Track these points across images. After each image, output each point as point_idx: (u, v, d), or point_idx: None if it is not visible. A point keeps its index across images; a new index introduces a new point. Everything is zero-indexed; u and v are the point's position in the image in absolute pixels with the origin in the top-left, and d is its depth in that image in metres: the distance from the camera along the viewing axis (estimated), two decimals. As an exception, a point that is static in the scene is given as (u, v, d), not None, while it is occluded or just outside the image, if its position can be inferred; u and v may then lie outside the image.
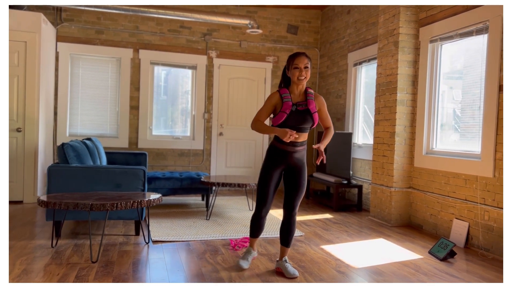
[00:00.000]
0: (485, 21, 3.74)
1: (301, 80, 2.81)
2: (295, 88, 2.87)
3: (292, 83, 2.87)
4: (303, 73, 2.80)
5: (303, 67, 2.79)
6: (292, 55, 2.85)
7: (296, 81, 2.82)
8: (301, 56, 2.81)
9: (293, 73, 2.82)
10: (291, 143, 2.83)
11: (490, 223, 3.63)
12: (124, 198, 3.28)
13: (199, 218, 4.72)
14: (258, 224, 3.01)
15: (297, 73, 2.80)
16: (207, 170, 6.85)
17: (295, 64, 2.80)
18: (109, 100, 6.48)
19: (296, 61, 2.80)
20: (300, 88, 2.87)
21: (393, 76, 4.69)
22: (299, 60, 2.80)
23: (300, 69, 2.80)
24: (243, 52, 6.93)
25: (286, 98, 2.82)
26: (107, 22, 6.38)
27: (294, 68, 2.81)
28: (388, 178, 4.73)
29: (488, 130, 3.66)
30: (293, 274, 2.87)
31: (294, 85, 2.87)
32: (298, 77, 2.80)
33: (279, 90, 2.89)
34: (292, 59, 2.83)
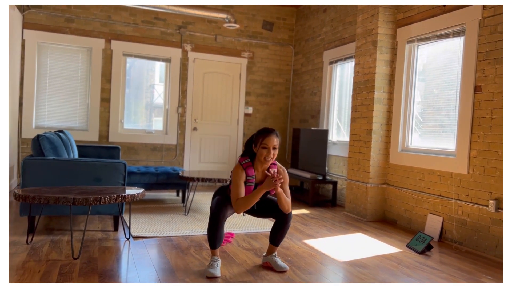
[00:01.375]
0: (462, 24, 3.90)
1: (267, 161, 2.67)
2: (259, 165, 2.74)
3: (257, 160, 2.72)
4: (271, 154, 2.65)
5: (272, 147, 2.64)
6: (262, 132, 2.68)
7: (262, 161, 2.68)
8: (271, 135, 2.66)
9: (260, 152, 2.66)
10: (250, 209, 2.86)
11: (463, 218, 3.80)
12: (106, 193, 3.18)
13: (177, 213, 4.65)
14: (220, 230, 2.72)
15: (265, 153, 2.64)
16: (180, 165, 6.75)
17: (264, 143, 2.64)
18: (79, 91, 6.24)
19: (265, 141, 2.64)
20: (265, 166, 2.73)
21: (371, 75, 4.80)
22: (269, 140, 2.64)
23: (268, 150, 2.64)
24: (219, 47, 6.87)
25: (250, 182, 2.73)
26: (77, 10, 6.13)
27: (262, 148, 2.65)
28: (364, 174, 4.85)
29: (463, 129, 3.82)
30: (283, 267, 2.88)
31: (259, 162, 2.72)
32: (265, 158, 2.65)
33: (245, 168, 2.72)
34: (261, 137, 2.66)
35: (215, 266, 2.78)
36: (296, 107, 7.15)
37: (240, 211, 2.67)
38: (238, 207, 2.67)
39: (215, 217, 2.70)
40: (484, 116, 3.63)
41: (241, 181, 2.70)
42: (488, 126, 3.59)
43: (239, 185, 2.69)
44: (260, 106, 7.18)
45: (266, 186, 2.63)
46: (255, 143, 2.73)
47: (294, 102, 7.22)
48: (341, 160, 5.75)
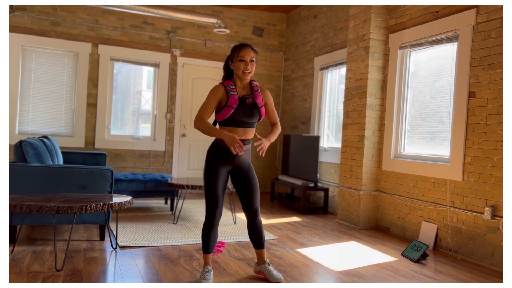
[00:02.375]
0: (455, 29, 3.87)
1: (246, 75, 2.56)
2: (238, 82, 2.63)
3: (236, 76, 2.62)
4: (249, 67, 2.55)
5: (249, 60, 2.55)
6: (237, 46, 2.59)
7: (240, 75, 2.57)
8: (247, 48, 2.56)
9: (237, 66, 2.56)
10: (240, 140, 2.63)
11: (458, 225, 3.74)
12: (92, 200, 3.04)
13: (165, 222, 4.51)
14: (212, 234, 2.66)
15: (242, 67, 2.54)
16: (168, 172, 6.61)
17: (241, 56, 2.54)
18: (65, 96, 6.07)
19: (241, 53, 2.54)
20: (245, 81, 2.63)
21: (363, 80, 4.76)
22: (245, 52, 2.54)
23: (246, 62, 2.54)
24: (208, 52, 6.78)
25: (232, 91, 2.56)
26: (64, 14, 5.99)
27: (239, 61, 2.55)
28: (356, 181, 4.78)
29: (457, 135, 3.78)
30: (278, 279, 2.77)
31: (238, 79, 2.63)
32: (243, 71, 2.55)
33: (222, 82, 2.62)
34: (237, 51, 2.57)
35: (207, 277, 2.66)
36: (286, 114, 7.08)
37: (197, 127, 2.55)
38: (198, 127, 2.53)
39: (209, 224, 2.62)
40: (479, 122, 3.59)
41: (214, 99, 2.56)
42: (483, 132, 3.55)
43: (209, 102, 2.56)
44: (250, 112, 7.09)
45: (227, 139, 2.47)
46: (232, 59, 2.63)
47: (285, 109, 7.15)
48: (333, 167, 5.68)
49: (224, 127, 2.62)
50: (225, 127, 2.62)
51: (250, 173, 2.73)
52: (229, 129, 2.60)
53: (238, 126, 2.61)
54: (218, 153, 2.63)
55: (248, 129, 2.64)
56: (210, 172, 2.63)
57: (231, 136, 2.47)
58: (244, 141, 2.64)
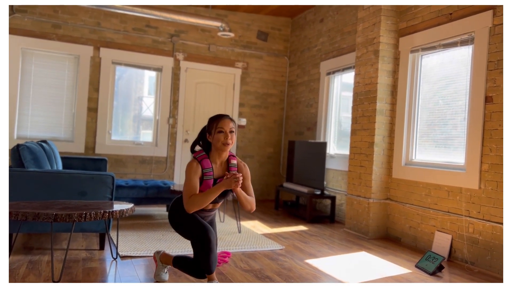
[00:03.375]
0: (471, 32, 3.73)
1: (226, 146, 2.45)
2: (216, 157, 2.52)
3: (214, 150, 2.51)
4: (229, 139, 2.44)
5: (228, 130, 2.45)
6: (214, 117, 2.51)
7: (220, 147, 2.46)
8: (225, 118, 2.48)
9: (217, 138, 2.45)
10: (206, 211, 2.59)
11: (475, 236, 3.57)
12: (92, 208, 2.88)
13: (167, 230, 4.34)
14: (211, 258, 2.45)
15: (222, 138, 2.44)
16: (170, 178, 6.45)
17: (219, 127, 2.45)
18: (65, 100, 5.93)
19: (220, 124, 2.45)
20: (223, 157, 2.53)
21: (373, 85, 4.61)
22: (224, 122, 2.45)
23: (225, 133, 2.44)
24: (212, 56, 6.65)
25: (208, 176, 2.48)
26: (65, 16, 5.86)
27: (218, 132, 2.45)
28: (366, 189, 4.62)
29: (473, 141, 3.63)
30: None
31: (216, 153, 2.51)
32: (223, 142, 2.44)
33: (200, 161, 2.49)
34: (215, 122, 2.48)
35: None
36: (291, 119, 6.94)
37: (192, 209, 2.40)
38: (191, 205, 2.40)
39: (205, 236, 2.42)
40: (497, 128, 3.44)
41: (196, 176, 2.45)
42: (501, 139, 3.40)
43: (192, 179, 2.44)
44: (254, 117, 6.95)
45: (225, 184, 2.40)
46: (209, 131, 2.51)
47: (289, 114, 7.00)
48: (340, 174, 5.52)
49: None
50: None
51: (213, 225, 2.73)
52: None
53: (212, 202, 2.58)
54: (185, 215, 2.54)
55: (216, 203, 2.63)
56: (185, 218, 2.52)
57: (227, 181, 2.40)
58: (211, 210, 2.62)
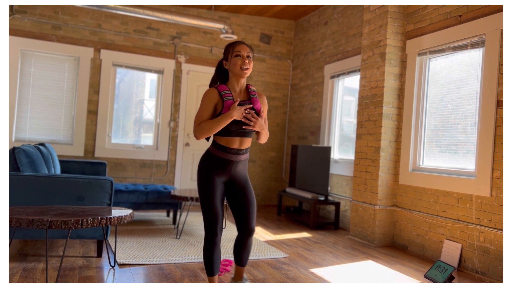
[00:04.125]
0: (481, 34, 3.63)
1: (244, 71, 2.32)
2: (235, 84, 2.39)
3: (231, 77, 2.38)
4: (246, 62, 2.33)
5: (246, 55, 2.35)
6: (231, 43, 2.41)
7: (238, 72, 2.33)
8: (242, 43, 2.38)
9: (234, 62, 2.34)
10: (234, 151, 2.36)
11: (486, 245, 3.45)
12: (89, 214, 2.76)
13: (167, 236, 4.22)
14: (215, 253, 2.38)
15: (240, 62, 2.32)
16: (170, 183, 6.33)
17: (237, 51, 2.34)
18: (64, 103, 5.83)
19: (237, 48, 2.35)
20: (241, 84, 2.40)
21: (379, 88, 4.50)
22: (241, 47, 2.36)
23: (243, 57, 2.33)
24: (214, 59, 6.55)
25: (227, 96, 2.32)
26: (65, 17, 5.77)
27: (235, 56, 2.34)
28: (371, 195, 4.49)
29: (484, 147, 3.51)
30: None
31: (234, 80, 2.38)
32: (241, 66, 2.32)
33: (216, 86, 2.37)
34: (231, 47, 2.38)
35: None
36: (294, 123, 6.82)
37: (200, 136, 2.28)
38: (199, 132, 2.28)
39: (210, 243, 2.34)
40: (509, 134, 3.32)
41: (211, 103, 2.33)
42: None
43: (205, 107, 2.32)
44: (256, 121, 6.83)
45: (236, 113, 2.26)
46: (226, 57, 2.40)
47: (292, 118, 6.89)
48: (344, 180, 5.40)
49: (217, 137, 2.38)
50: (219, 137, 2.37)
51: (247, 187, 2.47)
52: (226, 139, 2.36)
53: (234, 135, 2.36)
54: (212, 162, 2.38)
55: (244, 138, 2.39)
56: (205, 184, 2.37)
57: (233, 111, 2.27)
58: (240, 151, 2.40)
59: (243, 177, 2.47)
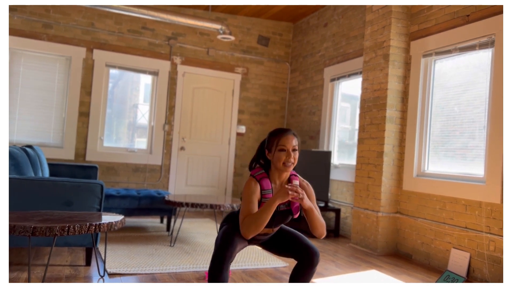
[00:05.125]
0: (491, 34, 3.49)
1: (287, 167, 2.12)
2: (276, 176, 2.17)
3: (274, 168, 2.17)
4: (291, 158, 2.10)
5: (291, 149, 2.11)
6: (276, 132, 2.14)
7: (281, 168, 2.12)
8: (288, 134, 2.13)
9: (277, 156, 2.11)
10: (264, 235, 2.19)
11: (496, 255, 3.28)
12: (77, 220, 2.56)
13: (161, 244, 4.02)
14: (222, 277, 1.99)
15: (284, 158, 2.10)
16: (164, 188, 6.12)
17: (281, 145, 2.10)
18: (55, 104, 5.62)
19: (282, 141, 2.10)
20: (284, 176, 2.18)
21: (382, 91, 4.35)
22: (286, 140, 2.11)
23: (288, 152, 2.10)
24: (211, 61, 6.38)
25: (267, 198, 2.12)
26: (57, 16, 5.58)
27: (279, 151, 2.11)
28: (374, 202, 4.32)
29: (494, 152, 3.36)
30: None
31: (276, 172, 2.17)
32: (285, 163, 2.10)
33: (259, 180, 2.14)
34: (276, 138, 2.12)
35: None
36: (292, 127, 6.65)
37: (249, 233, 2.01)
38: (246, 228, 2.01)
39: (219, 255, 2.01)
40: (521, 137, 3.17)
41: (254, 196, 2.09)
42: (526, 149, 3.12)
43: (250, 201, 2.08)
44: (253, 125, 6.66)
45: (279, 195, 1.99)
46: (269, 147, 2.15)
47: (290, 122, 6.72)
48: (345, 186, 5.22)
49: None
50: None
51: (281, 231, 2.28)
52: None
53: (267, 226, 2.18)
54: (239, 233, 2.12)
55: (276, 228, 2.24)
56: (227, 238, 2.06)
57: (281, 192, 2.01)
58: (266, 234, 2.24)
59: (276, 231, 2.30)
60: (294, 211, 2.16)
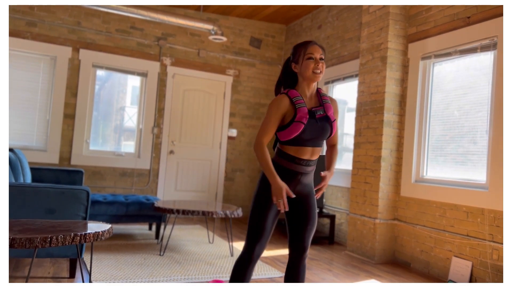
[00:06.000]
0: (493, 37, 3.39)
1: (317, 75, 2.07)
2: (305, 89, 2.12)
3: (302, 82, 2.12)
4: (320, 65, 2.07)
5: (319, 57, 2.08)
6: (301, 44, 2.14)
7: (310, 76, 2.07)
8: (314, 44, 2.12)
9: (305, 65, 2.07)
10: (304, 162, 2.08)
11: (500, 264, 3.17)
12: (60, 230, 2.37)
13: (150, 253, 3.82)
14: (248, 271, 2.10)
15: (312, 65, 2.06)
16: (153, 193, 5.92)
17: (309, 53, 2.07)
18: (39, 105, 5.38)
19: (309, 50, 2.08)
20: (312, 89, 2.13)
21: (380, 94, 4.23)
22: (314, 48, 2.09)
23: (316, 60, 2.07)
24: (202, 62, 6.21)
25: (300, 103, 2.05)
26: (42, 14, 5.36)
27: (307, 59, 2.07)
28: (371, 208, 4.20)
29: (497, 157, 3.25)
30: None
31: (305, 84, 2.11)
32: (314, 70, 2.07)
33: (285, 92, 2.10)
34: (303, 48, 2.11)
35: None
36: (284, 132, 6.50)
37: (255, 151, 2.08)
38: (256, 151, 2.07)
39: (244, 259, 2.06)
40: (526, 142, 3.07)
41: (278, 112, 2.06)
42: (531, 154, 3.02)
43: (270, 120, 2.06)
44: (245, 129, 6.51)
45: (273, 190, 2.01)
46: (296, 59, 2.12)
47: (283, 126, 6.57)
48: (339, 191, 5.09)
49: (288, 147, 2.09)
50: (290, 146, 2.08)
51: (309, 199, 2.18)
52: (296, 148, 2.08)
53: (306, 145, 2.08)
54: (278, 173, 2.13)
55: (316, 148, 2.12)
56: (263, 196, 2.11)
57: (279, 188, 1.99)
58: (310, 162, 2.13)
59: (308, 191, 2.18)
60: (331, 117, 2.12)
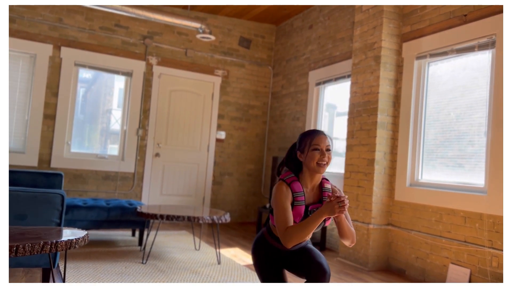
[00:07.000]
0: (491, 35, 3.27)
1: (321, 167, 2.01)
2: (308, 180, 2.04)
3: (305, 171, 2.05)
4: (325, 157, 2.00)
5: (325, 148, 2.01)
6: (307, 133, 2.07)
7: (314, 168, 2.00)
8: (321, 135, 2.05)
9: (311, 156, 2.00)
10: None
11: (500, 271, 3.03)
12: (29, 238, 2.15)
13: (132, 261, 3.61)
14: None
15: (317, 156, 1.99)
16: (137, 198, 5.69)
17: (315, 144, 2.00)
18: (17, 105, 5.13)
19: (316, 141, 2.01)
20: (316, 180, 2.05)
21: (373, 95, 4.09)
22: (320, 139, 2.02)
23: (321, 151, 2.00)
24: (189, 62, 6.02)
25: (299, 201, 1.99)
26: (21, 9, 5.12)
27: (313, 150, 2.00)
28: (364, 213, 4.04)
29: (496, 160, 3.12)
30: None
31: (308, 175, 2.04)
32: (318, 162, 2.00)
33: (289, 183, 2.02)
34: (309, 138, 2.04)
35: None
36: (274, 134, 6.34)
37: (291, 244, 1.89)
38: (288, 241, 1.88)
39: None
40: (527, 144, 2.94)
41: (288, 202, 1.97)
42: (533, 157, 2.89)
43: (285, 208, 1.95)
44: (234, 131, 6.32)
45: (327, 210, 1.84)
46: (301, 148, 2.04)
47: (273, 128, 6.41)
48: (331, 195, 4.92)
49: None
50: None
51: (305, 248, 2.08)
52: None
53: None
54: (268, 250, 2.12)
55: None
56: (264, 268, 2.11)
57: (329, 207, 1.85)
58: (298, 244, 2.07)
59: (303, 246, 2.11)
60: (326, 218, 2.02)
